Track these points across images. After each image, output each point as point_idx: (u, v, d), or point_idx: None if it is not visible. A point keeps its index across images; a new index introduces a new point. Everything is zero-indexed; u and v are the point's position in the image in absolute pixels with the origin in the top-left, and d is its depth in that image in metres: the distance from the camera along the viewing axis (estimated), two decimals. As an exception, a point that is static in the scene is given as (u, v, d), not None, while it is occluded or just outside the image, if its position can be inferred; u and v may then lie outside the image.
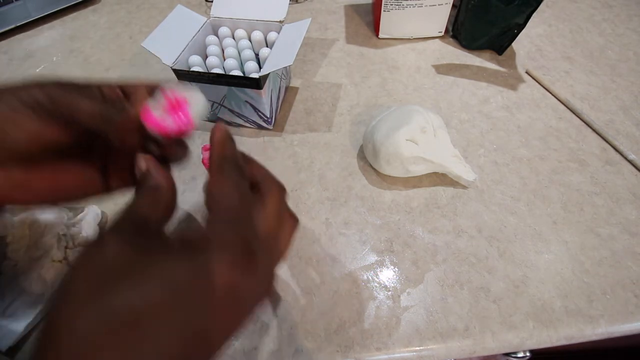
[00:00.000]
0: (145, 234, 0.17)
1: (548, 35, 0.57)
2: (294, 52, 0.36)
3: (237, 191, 0.19)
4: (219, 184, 0.19)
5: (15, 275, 0.31)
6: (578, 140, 0.44)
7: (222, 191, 0.19)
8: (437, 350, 0.30)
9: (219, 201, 0.18)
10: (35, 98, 0.18)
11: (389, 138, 0.37)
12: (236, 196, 0.19)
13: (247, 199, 0.19)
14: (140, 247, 0.16)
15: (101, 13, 0.64)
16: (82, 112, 0.19)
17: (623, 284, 0.33)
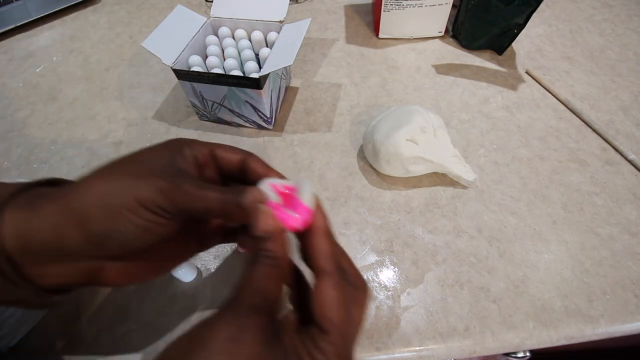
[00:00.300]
0: (275, 328, 0.17)
1: (548, 35, 0.57)
2: (294, 52, 0.36)
3: (348, 308, 0.18)
4: (333, 299, 0.18)
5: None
6: (578, 140, 0.44)
7: (339, 309, 0.18)
8: (437, 350, 0.30)
9: (335, 321, 0.18)
10: (152, 199, 0.19)
11: (389, 138, 0.37)
12: (348, 314, 0.18)
13: (351, 312, 0.19)
14: (272, 352, 0.16)
15: (101, 13, 0.64)
16: (200, 211, 0.20)
17: (623, 284, 0.33)
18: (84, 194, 0.19)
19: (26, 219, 0.19)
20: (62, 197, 0.19)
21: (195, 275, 0.34)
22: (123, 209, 0.19)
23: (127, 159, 0.21)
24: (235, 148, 0.24)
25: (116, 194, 0.19)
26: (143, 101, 0.49)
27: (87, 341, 0.31)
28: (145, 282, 0.34)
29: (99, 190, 0.19)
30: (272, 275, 0.18)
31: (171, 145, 0.22)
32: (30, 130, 0.47)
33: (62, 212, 0.19)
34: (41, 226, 0.19)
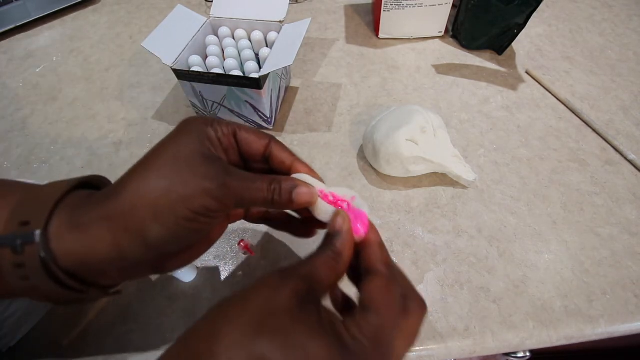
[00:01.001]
0: (314, 299, 0.18)
1: (548, 35, 0.57)
2: (294, 52, 0.36)
3: (396, 304, 0.19)
4: (387, 289, 0.19)
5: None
6: (578, 140, 0.44)
7: (386, 296, 0.19)
8: (437, 350, 0.30)
9: (380, 303, 0.19)
10: (205, 206, 0.19)
11: (389, 138, 0.37)
12: (395, 307, 0.19)
13: (398, 309, 0.19)
14: (305, 313, 0.17)
15: (101, 13, 0.64)
16: (249, 204, 0.21)
17: (623, 284, 0.33)
18: (136, 210, 0.19)
19: (78, 239, 0.19)
20: (113, 215, 0.19)
21: (195, 275, 0.34)
22: (180, 219, 0.19)
23: (161, 159, 0.20)
24: (258, 131, 0.24)
25: (170, 206, 0.19)
26: (143, 101, 0.49)
27: (87, 341, 0.31)
28: (145, 282, 0.34)
29: (150, 203, 0.19)
30: (329, 265, 0.20)
31: (194, 129, 0.21)
32: (30, 130, 0.47)
33: (116, 230, 0.19)
34: (97, 246, 0.19)
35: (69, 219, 0.19)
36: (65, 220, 0.19)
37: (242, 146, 0.23)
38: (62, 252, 0.18)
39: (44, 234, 0.18)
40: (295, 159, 0.24)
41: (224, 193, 0.20)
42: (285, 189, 0.21)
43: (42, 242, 0.18)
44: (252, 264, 0.35)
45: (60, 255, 0.18)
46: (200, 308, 0.32)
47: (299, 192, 0.21)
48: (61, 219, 0.19)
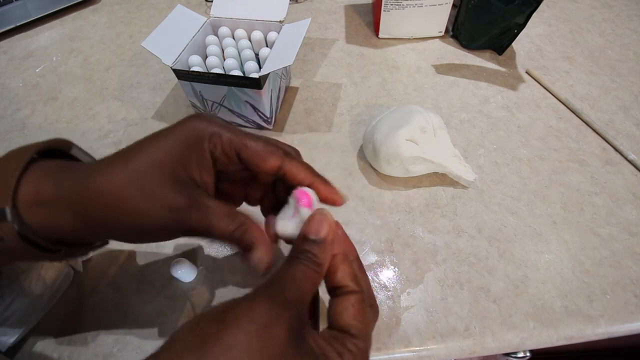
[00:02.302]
0: (303, 327, 0.18)
1: (548, 35, 0.57)
2: (294, 52, 0.36)
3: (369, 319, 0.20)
4: (360, 310, 0.20)
5: (15, 275, 0.31)
6: (578, 140, 0.44)
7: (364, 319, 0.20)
8: (437, 350, 0.30)
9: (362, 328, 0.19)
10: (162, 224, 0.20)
11: (389, 138, 0.37)
12: (369, 323, 0.20)
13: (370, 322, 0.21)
14: (300, 352, 0.17)
15: (101, 13, 0.64)
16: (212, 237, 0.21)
17: (623, 284, 0.33)
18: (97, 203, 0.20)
19: (45, 214, 0.20)
20: (75, 198, 0.19)
21: (195, 275, 0.34)
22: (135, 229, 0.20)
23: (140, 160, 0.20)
24: (269, 150, 0.22)
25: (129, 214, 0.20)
26: (143, 101, 0.49)
27: (87, 341, 0.31)
28: (145, 282, 0.34)
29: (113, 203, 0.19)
30: (312, 279, 0.19)
31: (189, 139, 0.21)
32: (30, 130, 0.47)
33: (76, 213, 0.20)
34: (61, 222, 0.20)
35: (34, 195, 0.19)
36: (32, 195, 0.19)
37: (249, 165, 0.22)
38: (35, 223, 0.19)
39: (13, 210, 0.19)
40: (315, 179, 0.22)
41: (186, 224, 0.20)
42: (247, 239, 0.20)
43: (14, 217, 0.18)
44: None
45: (35, 226, 0.19)
46: (200, 308, 0.32)
47: (256, 254, 0.20)
48: (28, 194, 0.19)
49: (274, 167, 0.22)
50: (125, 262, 0.35)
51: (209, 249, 0.36)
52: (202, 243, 0.36)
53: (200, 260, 0.35)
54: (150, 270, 0.34)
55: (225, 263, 0.35)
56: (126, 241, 0.22)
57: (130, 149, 0.21)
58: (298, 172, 0.22)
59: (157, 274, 0.34)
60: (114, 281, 0.34)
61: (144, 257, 0.35)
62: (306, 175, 0.22)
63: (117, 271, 0.34)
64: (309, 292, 0.19)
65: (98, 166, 0.20)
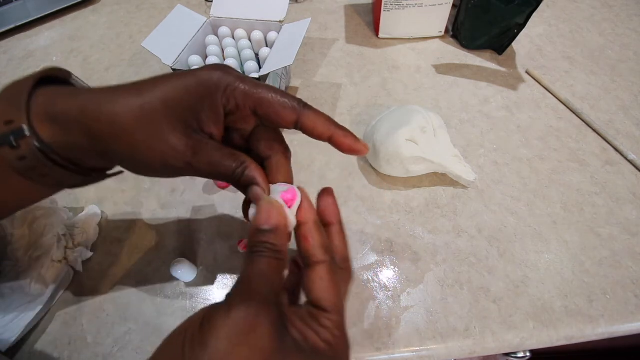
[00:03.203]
0: (282, 317, 0.18)
1: (548, 35, 0.57)
2: (294, 52, 0.36)
3: (340, 287, 0.20)
4: (330, 283, 0.19)
5: (16, 275, 0.31)
6: (578, 140, 0.44)
7: (335, 290, 0.19)
8: (437, 350, 0.30)
9: (334, 300, 0.19)
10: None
11: (389, 138, 0.37)
12: (341, 292, 0.20)
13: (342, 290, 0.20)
14: (284, 344, 0.17)
15: (101, 13, 0.64)
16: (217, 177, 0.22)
17: (623, 284, 0.33)
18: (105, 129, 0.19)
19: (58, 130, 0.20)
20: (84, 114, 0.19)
21: (195, 275, 0.34)
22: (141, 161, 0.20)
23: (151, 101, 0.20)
24: (285, 103, 0.21)
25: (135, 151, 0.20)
26: (143, 101, 0.49)
27: (87, 341, 0.31)
28: (145, 282, 0.34)
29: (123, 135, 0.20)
30: (278, 268, 0.19)
31: (206, 85, 0.20)
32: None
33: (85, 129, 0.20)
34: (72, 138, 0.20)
35: (45, 112, 0.19)
36: (43, 113, 0.19)
37: (265, 118, 0.21)
38: (51, 140, 0.19)
39: (31, 127, 0.19)
40: (335, 131, 0.22)
41: (192, 165, 0.20)
42: (246, 177, 0.21)
43: (32, 134, 0.19)
44: (252, 264, 0.35)
45: (51, 142, 0.19)
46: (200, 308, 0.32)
47: (253, 190, 0.21)
48: (39, 112, 0.19)
49: (292, 120, 0.21)
50: (125, 262, 0.35)
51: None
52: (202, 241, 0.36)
53: (200, 260, 0.35)
54: (150, 270, 0.34)
55: (225, 263, 0.35)
56: (132, 172, 0.22)
57: (143, 83, 0.20)
58: (317, 123, 0.21)
59: (157, 274, 0.34)
60: (114, 281, 0.34)
61: (144, 257, 0.35)
62: (326, 127, 0.21)
63: (117, 271, 0.34)
64: (279, 281, 0.19)
65: (109, 94, 0.20)
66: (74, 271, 0.34)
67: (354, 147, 0.22)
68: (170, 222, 0.37)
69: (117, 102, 0.19)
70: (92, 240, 0.36)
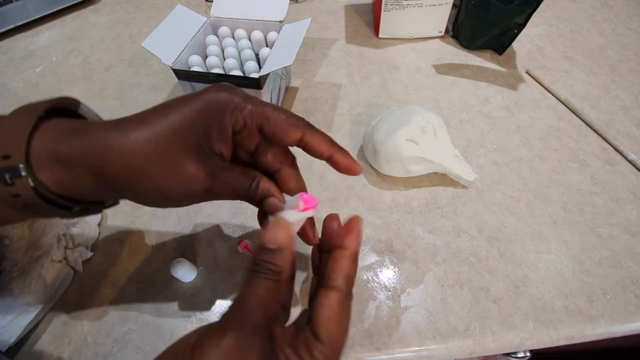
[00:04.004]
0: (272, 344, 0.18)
1: (548, 35, 0.57)
2: (294, 52, 0.36)
3: (346, 323, 0.19)
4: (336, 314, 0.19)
5: (16, 275, 0.31)
6: (578, 140, 0.44)
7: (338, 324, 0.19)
8: (437, 350, 0.30)
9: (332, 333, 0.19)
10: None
11: (389, 138, 0.37)
12: (344, 329, 0.19)
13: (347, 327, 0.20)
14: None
15: (101, 13, 0.64)
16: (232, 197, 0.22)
17: (623, 284, 0.33)
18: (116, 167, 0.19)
19: (61, 172, 0.19)
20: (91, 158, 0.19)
21: (195, 275, 0.34)
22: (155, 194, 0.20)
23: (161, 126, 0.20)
24: (290, 121, 0.22)
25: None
26: (143, 101, 0.49)
27: (87, 341, 0.31)
28: (145, 282, 0.34)
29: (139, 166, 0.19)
30: (275, 291, 0.18)
31: (214, 106, 0.21)
32: (30, 130, 0.46)
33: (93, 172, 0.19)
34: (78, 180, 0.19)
35: (49, 151, 0.19)
36: (46, 153, 0.19)
37: (271, 136, 0.22)
38: (49, 181, 0.19)
39: (27, 166, 0.18)
40: (335, 150, 0.23)
41: (209, 190, 0.20)
42: (260, 191, 0.22)
43: (28, 174, 0.18)
44: (252, 264, 0.34)
45: (49, 183, 0.19)
46: (200, 308, 0.32)
47: (269, 202, 0.22)
48: (41, 152, 0.19)
49: (296, 138, 0.22)
50: (125, 262, 0.35)
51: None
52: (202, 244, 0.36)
53: (200, 260, 0.35)
54: (150, 270, 0.34)
55: (225, 263, 0.35)
56: (145, 204, 0.21)
57: (150, 112, 0.20)
58: (319, 143, 0.22)
59: (157, 274, 0.34)
60: (114, 281, 0.34)
61: (144, 257, 0.35)
62: (327, 146, 0.22)
63: (117, 271, 0.34)
64: (274, 304, 0.19)
65: (117, 127, 0.20)
66: (74, 271, 0.34)
67: (351, 166, 0.23)
68: (170, 222, 0.37)
69: (127, 137, 0.19)
70: (92, 240, 0.36)
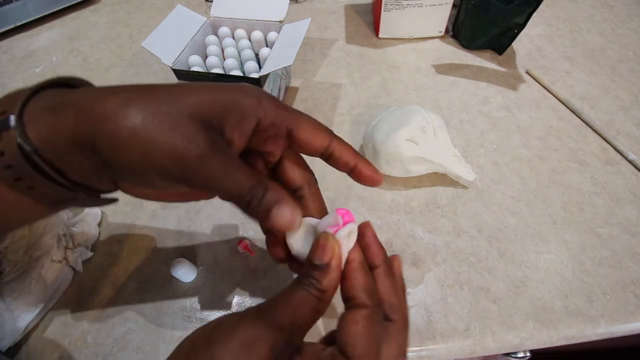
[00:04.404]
0: (290, 350, 0.17)
1: (548, 35, 0.57)
2: (294, 52, 0.36)
3: (376, 342, 0.18)
4: (362, 337, 0.17)
5: (16, 275, 0.31)
6: (578, 140, 0.44)
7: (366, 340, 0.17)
8: (437, 350, 0.30)
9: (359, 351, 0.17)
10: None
11: (389, 138, 0.37)
12: (374, 349, 0.18)
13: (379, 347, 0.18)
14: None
15: (101, 13, 0.64)
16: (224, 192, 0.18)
17: (623, 284, 0.33)
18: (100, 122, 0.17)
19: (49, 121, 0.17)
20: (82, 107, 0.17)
21: (195, 275, 0.34)
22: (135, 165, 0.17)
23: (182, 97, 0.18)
24: (317, 129, 0.21)
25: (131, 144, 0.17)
26: (143, 101, 0.49)
27: (87, 341, 0.31)
28: (145, 282, 0.34)
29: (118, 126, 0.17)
30: (312, 304, 0.18)
31: (243, 97, 0.19)
32: (30, 130, 0.46)
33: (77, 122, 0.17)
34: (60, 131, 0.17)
35: (43, 104, 0.18)
36: (40, 105, 0.18)
37: (299, 141, 0.21)
38: (38, 138, 0.17)
39: (19, 119, 0.17)
40: (359, 160, 0.22)
41: (196, 166, 0.17)
42: (268, 199, 0.18)
43: (17, 127, 0.16)
44: (252, 264, 0.35)
45: (38, 142, 0.17)
46: (200, 308, 0.32)
47: (280, 213, 0.18)
48: (36, 105, 0.18)
49: (324, 145, 0.22)
50: (125, 262, 0.35)
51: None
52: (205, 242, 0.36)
53: (200, 260, 0.35)
54: (150, 270, 0.34)
55: (225, 263, 0.35)
56: (132, 182, 0.19)
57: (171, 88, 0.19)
58: (344, 152, 0.22)
59: (157, 274, 0.34)
60: (114, 281, 0.34)
61: (144, 257, 0.35)
62: (352, 156, 0.22)
63: (117, 271, 0.34)
64: (307, 317, 0.18)
65: (119, 86, 0.18)
66: (74, 271, 0.34)
67: (375, 177, 0.22)
68: (170, 222, 0.37)
69: (127, 93, 0.18)
70: (92, 240, 0.36)
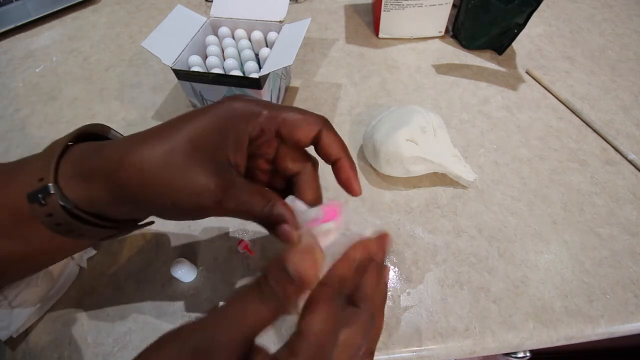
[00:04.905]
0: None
1: (548, 35, 0.57)
2: (294, 52, 0.36)
3: (334, 324, 0.18)
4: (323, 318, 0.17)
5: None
6: (578, 140, 0.44)
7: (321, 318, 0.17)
8: (437, 350, 0.30)
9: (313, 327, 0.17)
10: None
11: (389, 138, 0.37)
12: (330, 330, 0.18)
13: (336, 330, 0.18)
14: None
15: (101, 13, 0.64)
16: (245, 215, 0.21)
17: (623, 284, 0.33)
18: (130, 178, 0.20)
19: (82, 187, 0.20)
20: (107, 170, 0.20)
21: (195, 275, 0.34)
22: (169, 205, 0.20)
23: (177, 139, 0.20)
24: (307, 119, 0.22)
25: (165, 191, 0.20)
26: (143, 101, 0.49)
27: (87, 341, 0.31)
28: (145, 282, 0.34)
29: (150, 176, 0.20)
30: (263, 320, 0.17)
31: (229, 117, 0.21)
32: (30, 130, 0.47)
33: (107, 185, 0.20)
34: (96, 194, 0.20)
35: (74, 170, 0.20)
36: (71, 171, 0.20)
37: (287, 137, 0.22)
38: (76, 197, 0.20)
39: (56, 184, 0.20)
40: (344, 156, 0.23)
41: (222, 205, 0.20)
42: (275, 216, 0.21)
43: (57, 192, 0.20)
44: (252, 264, 0.35)
45: (76, 199, 0.20)
46: (200, 308, 0.32)
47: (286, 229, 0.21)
48: (68, 171, 0.20)
49: (311, 136, 0.22)
50: (125, 262, 0.35)
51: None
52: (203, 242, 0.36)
53: (200, 260, 0.35)
54: (150, 270, 0.34)
55: (225, 263, 0.35)
56: (161, 217, 0.22)
57: (166, 124, 0.21)
58: (332, 144, 0.23)
59: (157, 274, 0.34)
60: (114, 281, 0.34)
61: (144, 257, 0.35)
62: (338, 149, 0.23)
63: (117, 271, 0.34)
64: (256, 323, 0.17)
65: (133, 139, 0.20)
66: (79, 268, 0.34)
67: (352, 180, 0.23)
68: (170, 222, 0.37)
69: (142, 148, 0.20)
70: (93, 240, 0.36)
